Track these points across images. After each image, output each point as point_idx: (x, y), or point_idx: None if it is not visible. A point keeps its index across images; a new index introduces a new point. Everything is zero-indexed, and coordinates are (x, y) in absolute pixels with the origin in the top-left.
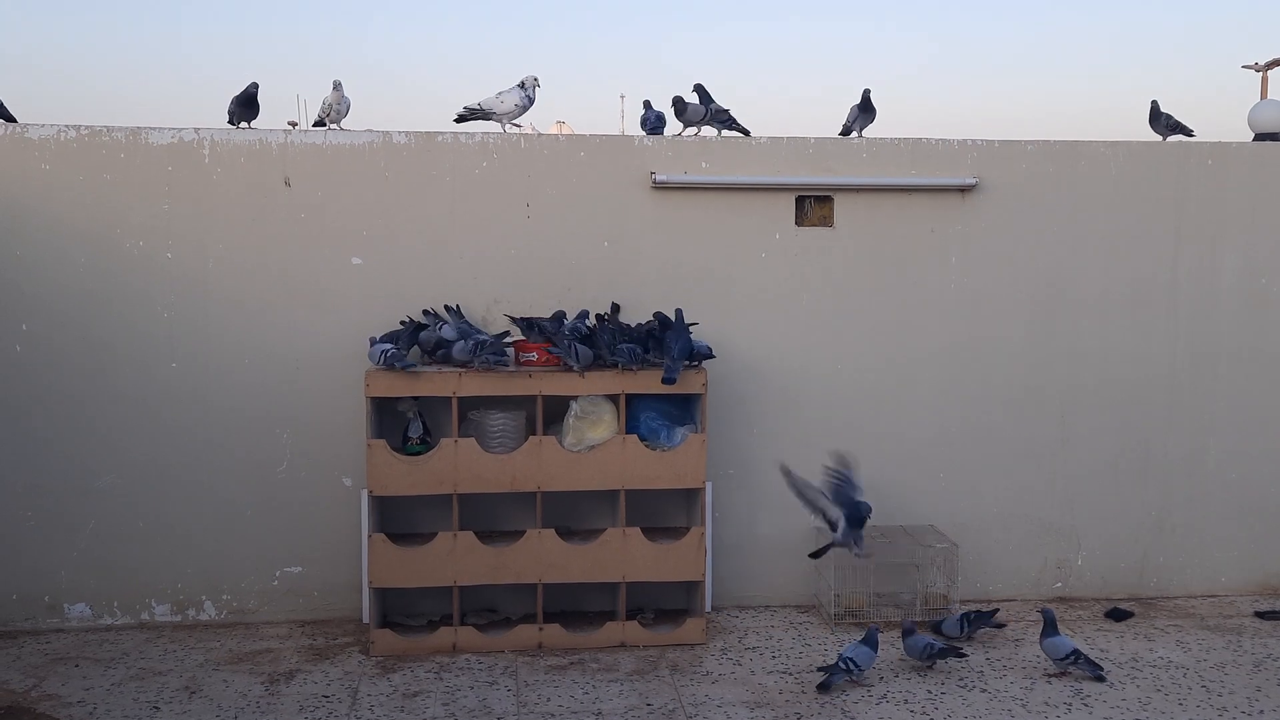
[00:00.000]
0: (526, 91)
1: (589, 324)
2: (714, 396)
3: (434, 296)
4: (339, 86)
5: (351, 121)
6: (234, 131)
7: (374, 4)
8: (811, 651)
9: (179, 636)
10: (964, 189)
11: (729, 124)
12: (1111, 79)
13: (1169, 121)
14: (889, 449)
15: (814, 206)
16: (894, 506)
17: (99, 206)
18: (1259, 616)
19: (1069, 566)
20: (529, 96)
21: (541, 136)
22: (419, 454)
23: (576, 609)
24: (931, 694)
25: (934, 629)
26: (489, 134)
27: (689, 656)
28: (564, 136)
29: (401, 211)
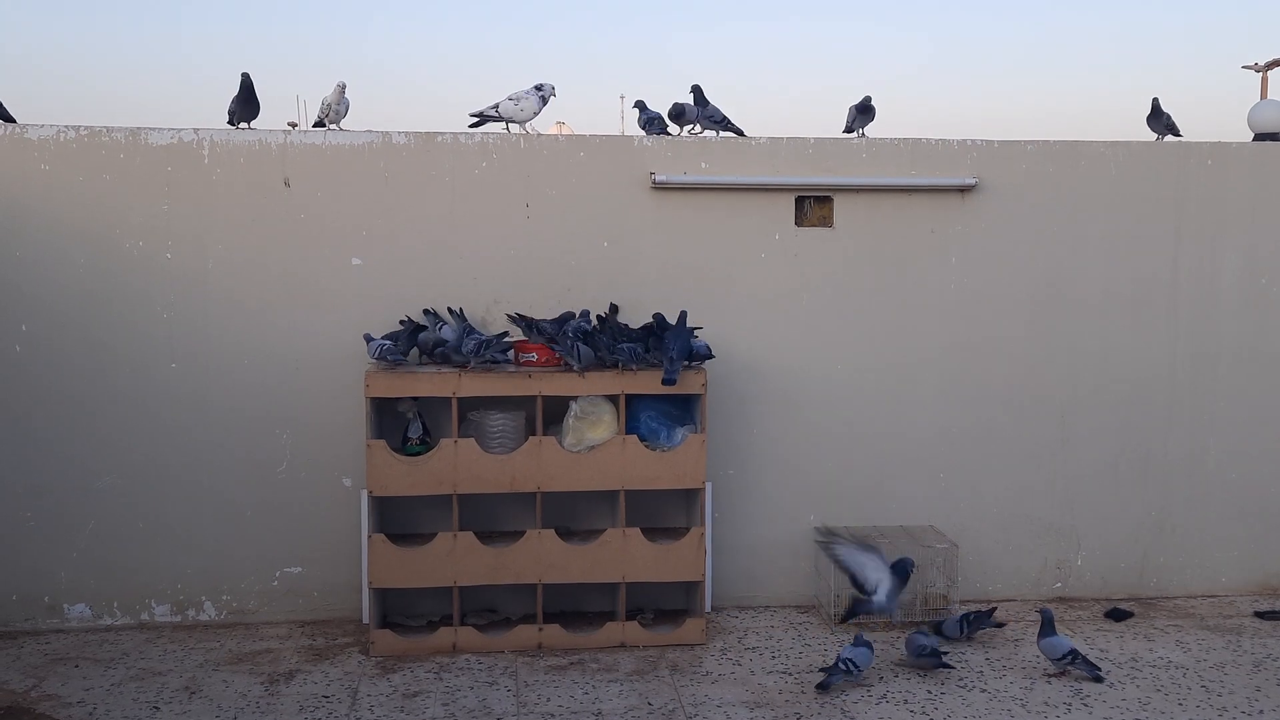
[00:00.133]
0: (543, 95)
1: (590, 324)
2: (714, 396)
3: (434, 296)
4: (343, 88)
5: (351, 122)
6: (233, 132)
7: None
8: (811, 651)
9: (179, 637)
10: (964, 189)
11: (724, 125)
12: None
13: (1168, 121)
14: (889, 449)
15: (814, 207)
16: (894, 506)
17: (98, 207)
18: (1259, 616)
19: (1069, 566)
20: (543, 99)
21: (541, 137)
22: (419, 454)
23: (576, 609)
24: (931, 694)
25: (934, 629)
26: (489, 134)
27: (689, 657)
28: (564, 137)
29: (401, 211)
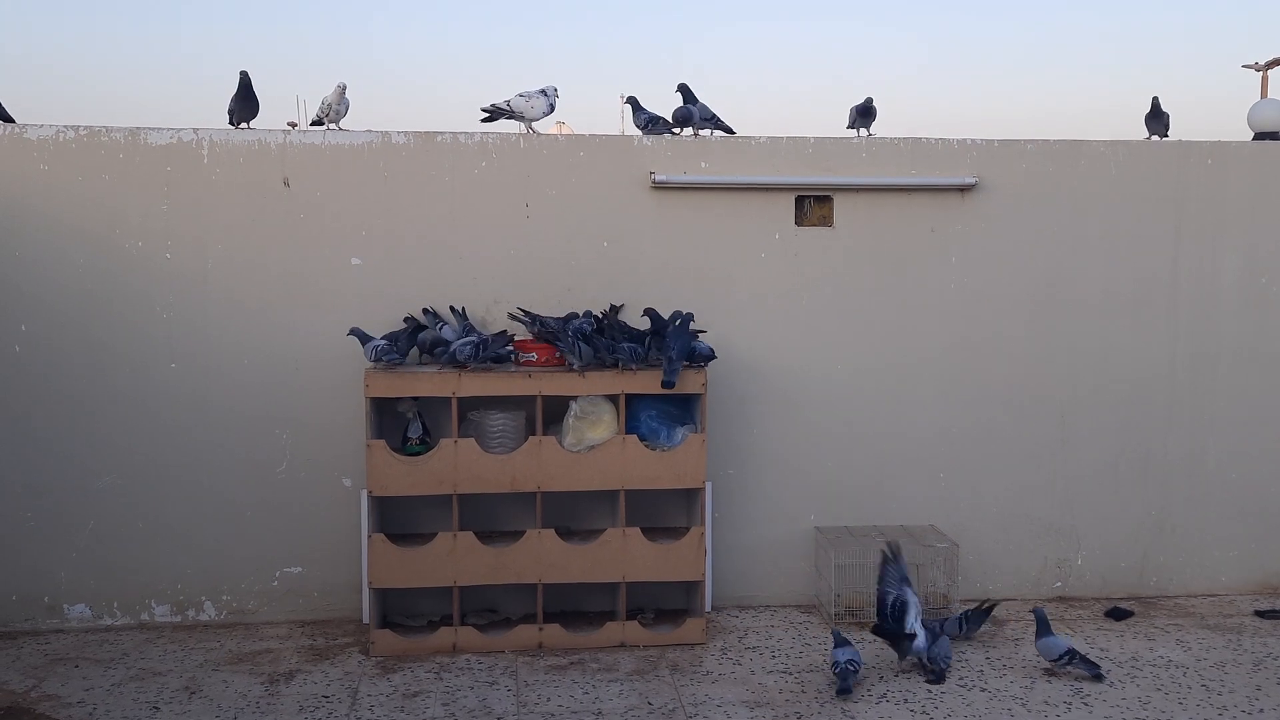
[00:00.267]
0: (549, 99)
1: (592, 323)
2: (714, 396)
3: (434, 296)
4: (343, 89)
5: (352, 121)
6: (233, 132)
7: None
8: (811, 651)
9: (179, 637)
10: (964, 189)
11: (713, 123)
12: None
13: (1167, 122)
14: (889, 449)
15: (814, 206)
16: (894, 506)
17: (98, 207)
18: (1259, 616)
19: (1069, 566)
20: (551, 103)
21: (541, 136)
22: (419, 454)
23: (576, 609)
24: (931, 694)
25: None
26: (488, 134)
27: (689, 656)
28: (563, 136)
29: (401, 211)
